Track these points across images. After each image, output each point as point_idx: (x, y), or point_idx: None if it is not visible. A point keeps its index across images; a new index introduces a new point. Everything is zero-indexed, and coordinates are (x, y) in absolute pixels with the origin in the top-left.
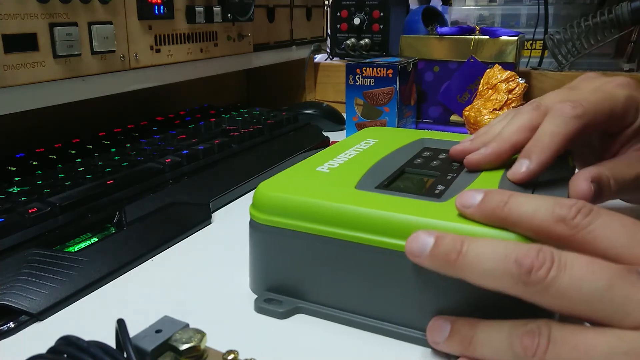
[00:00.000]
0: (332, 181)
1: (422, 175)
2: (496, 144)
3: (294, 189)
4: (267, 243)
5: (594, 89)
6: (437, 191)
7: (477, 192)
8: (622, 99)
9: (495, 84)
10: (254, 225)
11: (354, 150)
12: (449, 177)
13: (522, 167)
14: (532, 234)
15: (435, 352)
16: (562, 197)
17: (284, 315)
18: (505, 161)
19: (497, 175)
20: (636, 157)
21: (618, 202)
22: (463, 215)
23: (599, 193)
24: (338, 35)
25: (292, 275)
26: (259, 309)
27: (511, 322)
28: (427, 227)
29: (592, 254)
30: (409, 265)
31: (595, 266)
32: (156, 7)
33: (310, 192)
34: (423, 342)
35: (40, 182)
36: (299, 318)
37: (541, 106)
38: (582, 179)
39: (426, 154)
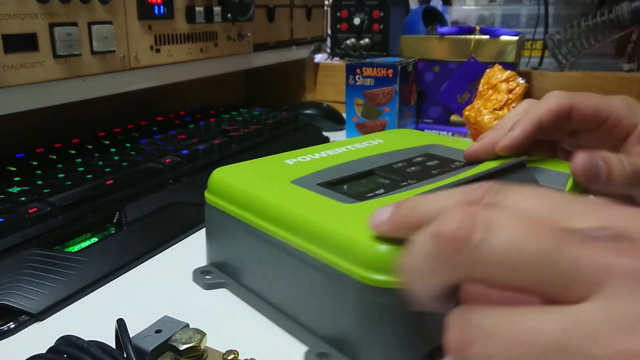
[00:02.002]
0: (279, 174)
1: (383, 179)
2: (492, 133)
3: (239, 176)
4: (211, 222)
5: (590, 94)
6: (370, 194)
7: (387, 206)
8: (618, 100)
9: (495, 84)
10: (205, 204)
11: (347, 147)
12: (403, 184)
13: (507, 136)
14: None
15: None
16: (468, 185)
17: (208, 287)
18: None
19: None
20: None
21: None
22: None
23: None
24: (338, 35)
25: (226, 254)
26: (194, 277)
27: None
28: (306, 224)
29: None
30: (294, 261)
31: (534, 226)
32: (156, 7)
33: (249, 181)
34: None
35: (40, 182)
36: (226, 293)
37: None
38: (581, 153)
39: (418, 159)
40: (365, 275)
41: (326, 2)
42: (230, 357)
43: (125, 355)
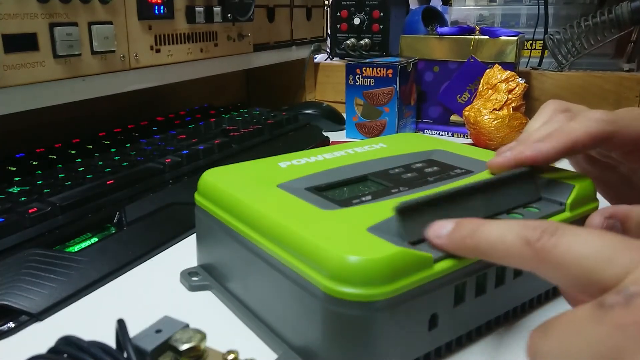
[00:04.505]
0: (268, 177)
1: (375, 185)
2: (520, 148)
3: (226, 179)
4: (199, 224)
5: (636, 114)
6: (355, 201)
7: (448, 222)
8: None
9: (495, 84)
10: (195, 206)
11: (346, 151)
12: (394, 191)
13: (532, 146)
14: (502, 261)
15: None
16: (531, 219)
17: (192, 289)
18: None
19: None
20: None
21: None
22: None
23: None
24: (338, 35)
25: (212, 256)
26: (180, 278)
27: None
28: (279, 229)
29: (563, 275)
30: (267, 267)
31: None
32: (156, 7)
33: (234, 184)
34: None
35: (40, 182)
36: (209, 295)
37: (575, 116)
38: (598, 214)
39: (418, 165)
40: (331, 286)
41: (326, 2)
42: (230, 357)
43: (125, 355)
